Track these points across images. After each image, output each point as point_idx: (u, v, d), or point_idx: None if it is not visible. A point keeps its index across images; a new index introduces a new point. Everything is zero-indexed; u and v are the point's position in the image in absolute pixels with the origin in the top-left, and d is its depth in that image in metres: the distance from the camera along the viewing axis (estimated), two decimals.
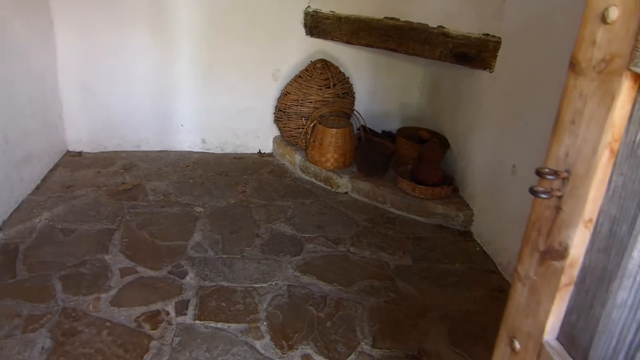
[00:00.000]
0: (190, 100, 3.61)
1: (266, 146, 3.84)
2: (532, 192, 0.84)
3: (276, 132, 3.80)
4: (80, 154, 3.53)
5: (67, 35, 3.26)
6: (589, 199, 0.78)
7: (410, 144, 3.38)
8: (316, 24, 3.50)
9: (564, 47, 2.17)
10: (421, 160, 3.17)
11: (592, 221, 0.79)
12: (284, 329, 2.10)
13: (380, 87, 3.86)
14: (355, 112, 3.54)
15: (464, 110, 3.19)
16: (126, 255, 2.49)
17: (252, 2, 3.42)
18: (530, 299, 0.90)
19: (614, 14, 0.73)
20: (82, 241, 2.56)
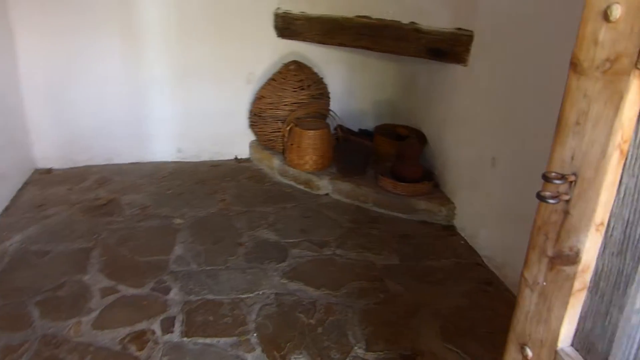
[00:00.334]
0: (162, 107, 3.51)
1: (243, 152, 3.77)
2: (539, 197, 0.81)
3: (252, 137, 3.73)
4: (49, 170, 3.38)
5: (29, 41, 3.08)
6: (599, 202, 0.76)
7: (388, 141, 3.37)
8: (287, 26, 3.44)
9: (537, 40, 2.20)
10: (400, 157, 3.16)
11: (603, 225, 0.77)
12: (275, 339, 2.05)
13: (355, 86, 3.83)
14: (331, 112, 3.51)
15: (440, 105, 3.20)
16: (105, 274, 2.39)
17: (222, 3, 3.34)
18: (540, 305, 0.88)
19: (617, 11, 0.70)
20: (57, 263, 2.44)
